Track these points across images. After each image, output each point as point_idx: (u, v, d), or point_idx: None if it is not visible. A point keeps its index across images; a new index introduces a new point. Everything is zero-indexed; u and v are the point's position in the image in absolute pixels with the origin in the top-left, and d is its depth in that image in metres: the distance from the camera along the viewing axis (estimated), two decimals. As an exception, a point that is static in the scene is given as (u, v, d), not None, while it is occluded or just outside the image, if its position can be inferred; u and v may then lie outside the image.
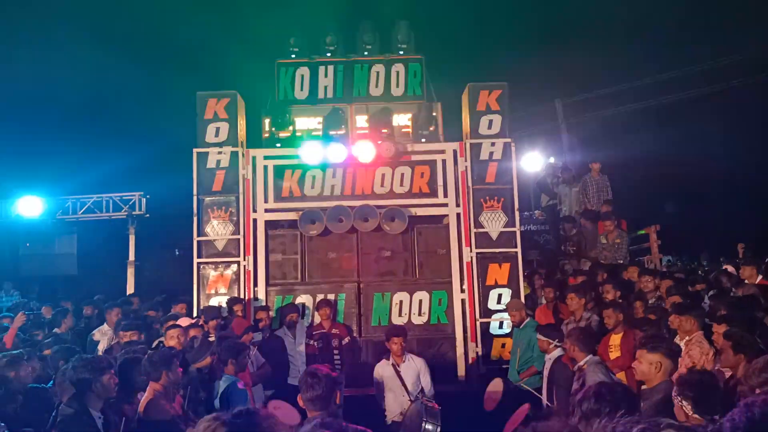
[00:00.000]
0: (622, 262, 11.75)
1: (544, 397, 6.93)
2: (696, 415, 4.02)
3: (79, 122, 15.12)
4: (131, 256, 13.59)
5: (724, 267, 11.50)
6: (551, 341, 7.02)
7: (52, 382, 5.96)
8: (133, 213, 13.48)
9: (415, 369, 7.53)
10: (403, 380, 7.42)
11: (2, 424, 3.20)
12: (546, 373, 7.10)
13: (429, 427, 6.65)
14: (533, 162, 17.79)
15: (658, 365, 4.83)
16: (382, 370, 7.58)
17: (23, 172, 13.61)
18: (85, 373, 4.95)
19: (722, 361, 5.52)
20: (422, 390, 7.40)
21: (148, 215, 13.56)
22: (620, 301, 8.45)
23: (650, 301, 8.73)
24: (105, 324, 9.33)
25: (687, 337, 6.70)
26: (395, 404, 7.42)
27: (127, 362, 5.85)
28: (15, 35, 14.56)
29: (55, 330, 9.35)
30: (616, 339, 7.38)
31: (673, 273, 11.09)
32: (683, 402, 4.13)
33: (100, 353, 8.18)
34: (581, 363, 6.15)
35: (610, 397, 3.32)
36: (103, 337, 9.07)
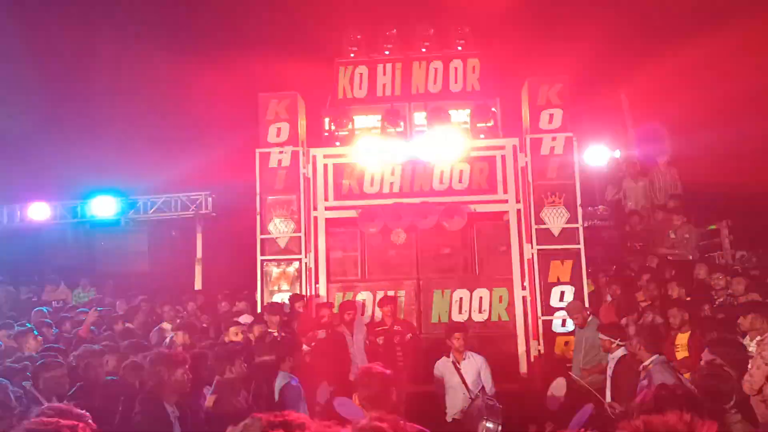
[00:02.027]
0: (691, 258, 11.35)
1: (607, 396, 6.79)
2: None
3: (148, 125, 15.69)
4: (199, 254, 14.03)
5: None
6: (614, 340, 6.87)
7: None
8: (200, 212, 13.87)
9: (475, 366, 7.49)
10: (463, 378, 7.40)
11: (87, 413, 3.41)
12: (610, 372, 6.95)
13: (490, 425, 6.56)
14: (598, 156, 17.32)
15: (727, 367, 4.67)
16: (443, 367, 7.58)
17: (96, 174, 14.19)
18: (160, 367, 5.12)
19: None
20: (483, 388, 7.34)
21: (214, 214, 13.93)
22: (688, 299, 8.18)
23: (720, 299, 8.41)
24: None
25: (759, 337, 6.42)
26: (456, 402, 7.40)
27: (195, 357, 6.08)
28: (86, 42, 15.25)
29: (128, 325, 9.78)
30: (682, 338, 7.17)
31: (747, 269, 10.63)
32: None
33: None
34: (646, 363, 6.00)
35: (670, 399, 3.24)
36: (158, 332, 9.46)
